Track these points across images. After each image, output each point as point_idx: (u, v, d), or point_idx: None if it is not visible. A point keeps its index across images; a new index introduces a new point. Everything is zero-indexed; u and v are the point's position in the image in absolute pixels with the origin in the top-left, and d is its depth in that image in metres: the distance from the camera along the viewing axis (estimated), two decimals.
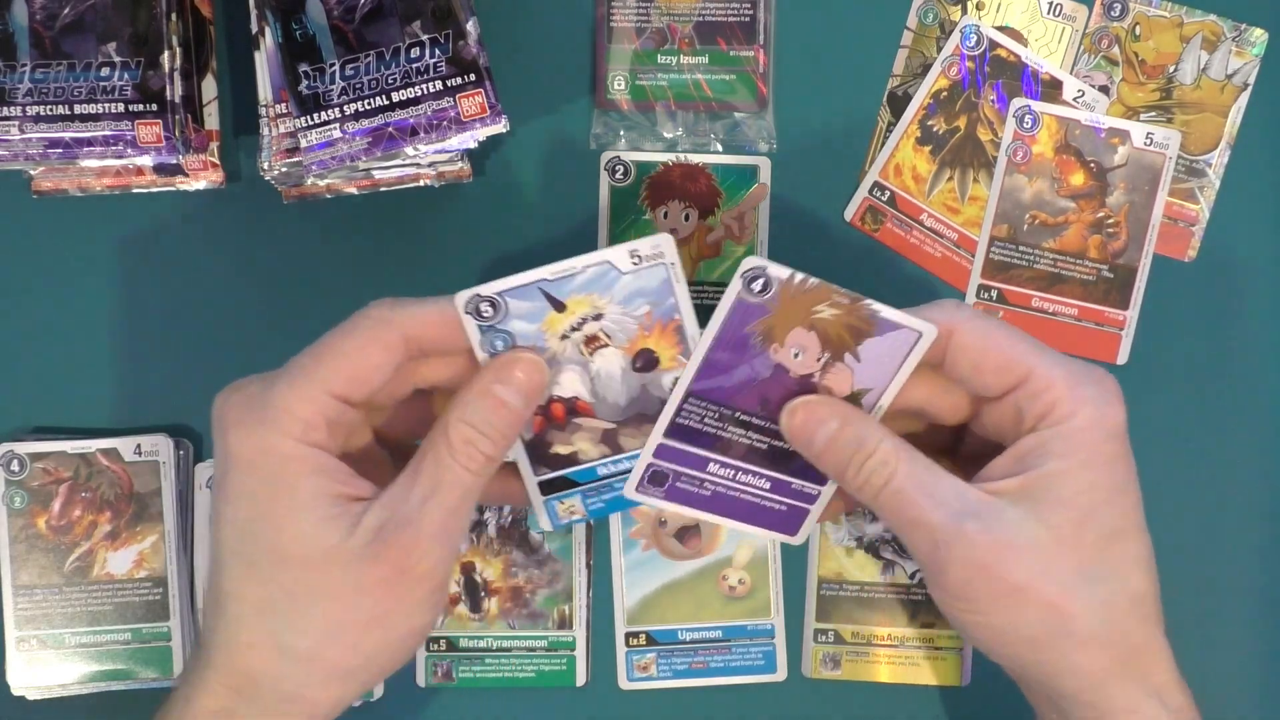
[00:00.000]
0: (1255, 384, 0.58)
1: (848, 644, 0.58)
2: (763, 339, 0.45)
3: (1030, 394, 0.44)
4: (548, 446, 0.49)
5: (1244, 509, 0.58)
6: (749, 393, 0.46)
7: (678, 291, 0.46)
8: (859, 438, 0.45)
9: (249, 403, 0.44)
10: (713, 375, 0.46)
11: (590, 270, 0.46)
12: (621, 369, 0.48)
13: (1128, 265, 0.57)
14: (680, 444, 0.48)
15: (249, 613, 0.43)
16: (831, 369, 0.46)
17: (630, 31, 0.58)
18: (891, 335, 0.45)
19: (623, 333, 0.47)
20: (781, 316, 0.45)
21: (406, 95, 0.51)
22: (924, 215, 0.58)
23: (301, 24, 0.52)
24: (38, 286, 0.58)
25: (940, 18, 0.58)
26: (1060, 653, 0.44)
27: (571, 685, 0.58)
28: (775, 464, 0.48)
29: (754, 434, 0.47)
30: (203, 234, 0.58)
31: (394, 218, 0.58)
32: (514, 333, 0.46)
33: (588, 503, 0.50)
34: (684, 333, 0.47)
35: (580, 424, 0.49)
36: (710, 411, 0.47)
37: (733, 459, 0.48)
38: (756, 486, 0.49)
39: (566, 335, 0.47)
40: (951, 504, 0.44)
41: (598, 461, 0.49)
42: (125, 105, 0.51)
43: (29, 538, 0.56)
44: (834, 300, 0.45)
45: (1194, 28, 0.58)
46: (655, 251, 0.46)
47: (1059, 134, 0.57)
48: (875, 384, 0.46)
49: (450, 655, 0.58)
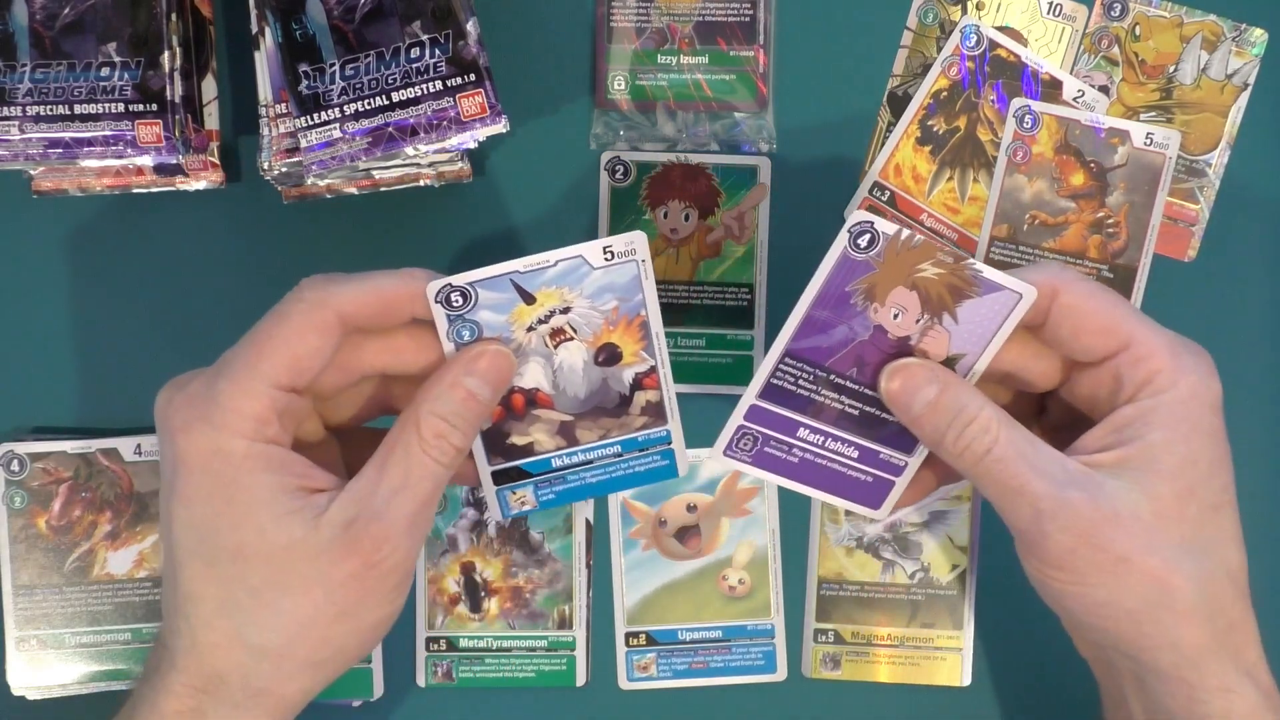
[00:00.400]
0: (1255, 384, 0.58)
1: (848, 644, 0.58)
2: (864, 297, 0.45)
3: (1132, 361, 0.44)
4: (505, 436, 0.49)
5: (1243, 509, 0.58)
6: (846, 354, 0.46)
7: (645, 288, 0.47)
8: (959, 404, 0.44)
9: (194, 403, 0.43)
10: (811, 335, 0.46)
11: (562, 264, 0.46)
12: (584, 362, 0.48)
13: (1128, 265, 0.57)
14: (772, 406, 0.47)
15: (212, 612, 0.43)
16: (930, 331, 0.45)
17: (630, 31, 0.58)
18: (991, 297, 0.45)
19: (588, 326, 0.47)
20: (885, 274, 0.45)
21: (406, 95, 0.51)
22: (924, 215, 0.58)
23: (301, 24, 0.52)
24: (38, 286, 0.58)
25: (940, 18, 0.58)
26: (1161, 626, 0.43)
27: (571, 685, 0.58)
28: (866, 431, 0.48)
29: (847, 398, 0.47)
30: (203, 234, 0.58)
31: (394, 218, 0.58)
32: (481, 323, 0.46)
33: (539, 494, 0.50)
34: (648, 329, 0.48)
35: (539, 415, 0.49)
36: (805, 373, 0.47)
37: (823, 424, 0.48)
38: (844, 455, 0.48)
39: (533, 327, 0.47)
40: (1054, 474, 0.43)
41: (552, 453, 0.49)
42: (125, 105, 0.51)
43: (29, 538, 0.56)
44: (938, 259, 0.44)
45: (1194, 28, 0.58)
46: (629, 248, 0.46)
47: (1059, 134, 0.57)
48: (971, 348, 0.46)
49: (450, 655, 0.58)
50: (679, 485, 0.58)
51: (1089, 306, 0.44)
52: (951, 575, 0.58)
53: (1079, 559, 0.43)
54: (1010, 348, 0.46)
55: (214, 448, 0.42)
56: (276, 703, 0.44)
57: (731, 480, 0.58)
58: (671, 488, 0.58)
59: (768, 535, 0.58)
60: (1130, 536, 0.42)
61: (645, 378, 0.49)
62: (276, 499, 0.43)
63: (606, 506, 0.58)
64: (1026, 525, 0.44)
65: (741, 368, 0.58)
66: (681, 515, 0.58)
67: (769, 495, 0.58)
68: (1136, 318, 0.45)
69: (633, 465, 0.50)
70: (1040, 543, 0.43)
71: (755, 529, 0.58)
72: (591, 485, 0.50)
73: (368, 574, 0.43)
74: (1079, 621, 0.46)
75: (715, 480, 0.58)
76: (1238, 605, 0.44)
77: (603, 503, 0.58)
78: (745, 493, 0.58)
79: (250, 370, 0.43)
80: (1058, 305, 0.45)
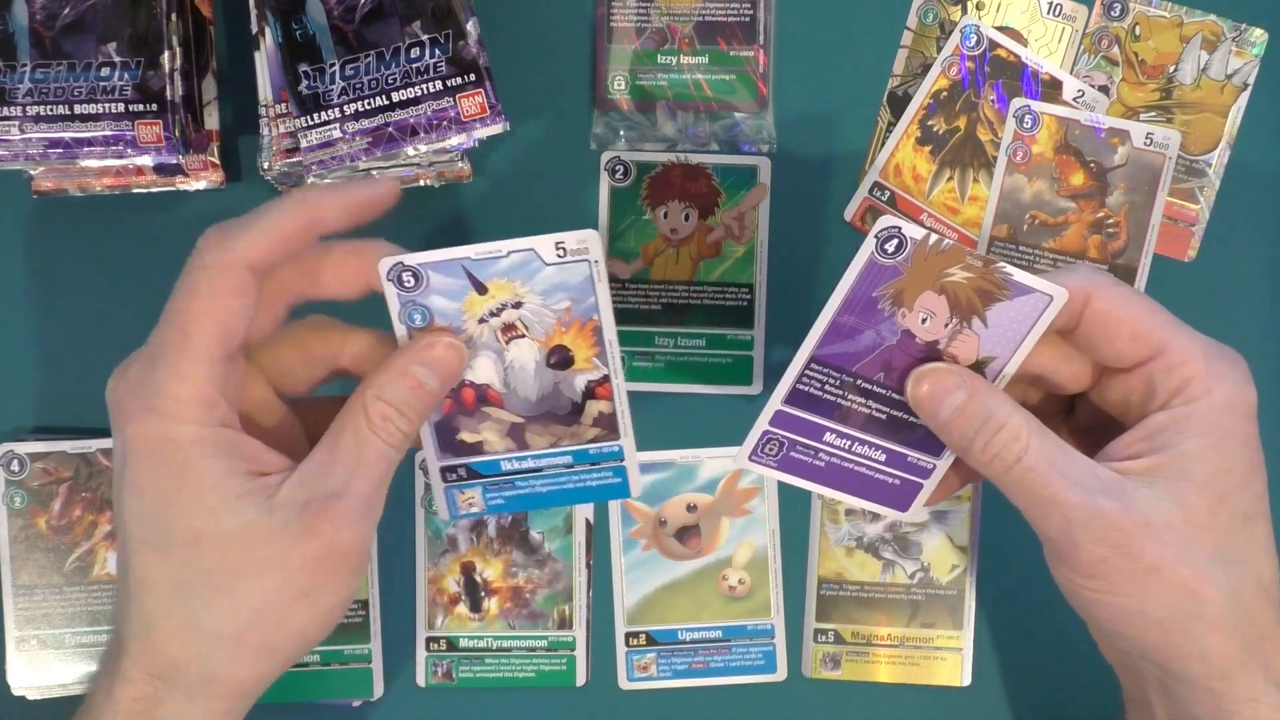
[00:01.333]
0: (1255, 384, 0.58)
1: (848, 644, 0.58)
2: (892, 302, 0.44)
3: (1165, 367, 0.43)
4: (455, 432, 0.48)
5: None
6: (873, 359, 0.46)
7: (598, 291, 0.45)
8: (987, 410, 0.44)
9: (137, 390, 0.43)
10: (838, 340, 0.45)
11: (514, 255, 0.45)
12: (536, 362, 0.47)
13: (1128, 265, 0.58)
14: (798, 411, 0.47)
15: (165, 598, 0.43)
16: (959, 336, 0.45)
17: (630, 31, 0.58)
18: (1021, 300, 0.44)
19: (540, 325, 0.46)
20: (913, 279, 0.44)
21: (406, 95, 0.51)
22: (924, 215, 0.58)
23: (301, 24, 0.52)
24: (38, 286, 0.58)
25: (940, 18, 0.58)
26: (1191, 636, 0.43)
27: (571, 685, 0.58)
28: (893, 435, 0.47)
29: (874, 403, 0.46)
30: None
31: (394, 218, 0.58)
32: (433, 309, 0.45)
33: (487, 497, 0.49)
34: (601, 335, 0.46)
35: (489, 413, 0.47)
36: (832, 378, 0.46)
37: (850, 429, 0.47)
38: (872, 459, 0.48)
39: (485, 319, 0.46)
40: (1085, 482, 0.43)
41: (502, 455, 0.48)
42: (125, 105, 0.51)
43: (29, 538, 0.56)
44: (967, 263, 0.44)
45: (1194, 28, 0.58)
46: (580, 246, 0.45)
47: (1059, 134, 0.57)
48: (1001, 351, 0.45)
49: (450, 655, 0.58)
50: (679, 485, 0.58)
51: (1123, 313, 0.44)
52: (951, 575, 0.58)
53: (1110, 568, 0.42)
54: (1041, 350, 0.45)
55: (162, 435, 0.42)
56: (233, 689, 0.44)
57: (731, 480, 0.58)
58: (671, 487, 0.58)
59: (768, 535, 0.58)
60: (1162, 546, 0.42)
61: (598, 387, 0.47)
62: (226, 483, 0.42)
63: (606, 506, 0.58)
64: (1057, 535, 0.43)
65: (741, 368, 0.58)
66: (681, 515, 0.58)
67: (769, 495, 0.58)
68: (1171, 324, 0.44)
69: (584, 479, 0.49)
70: (1072, 552, 0.43)
71: (755, 529, 0.58)
72: (541, 495, 0.49)
73: (327, 556, 0.42)
74: (1108, 630, 0.45)
75: (715, 480, 0.58)
76: (1268, 615, 0.44)
77: (602, 503, 0.58)
78: (745, 493, 0.58)
79: (181, 353, 0.42)
80: (1090, 310, 0.44)
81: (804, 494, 0.58)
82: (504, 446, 0.48)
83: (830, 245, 0.58)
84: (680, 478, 0.58)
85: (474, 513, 0.49)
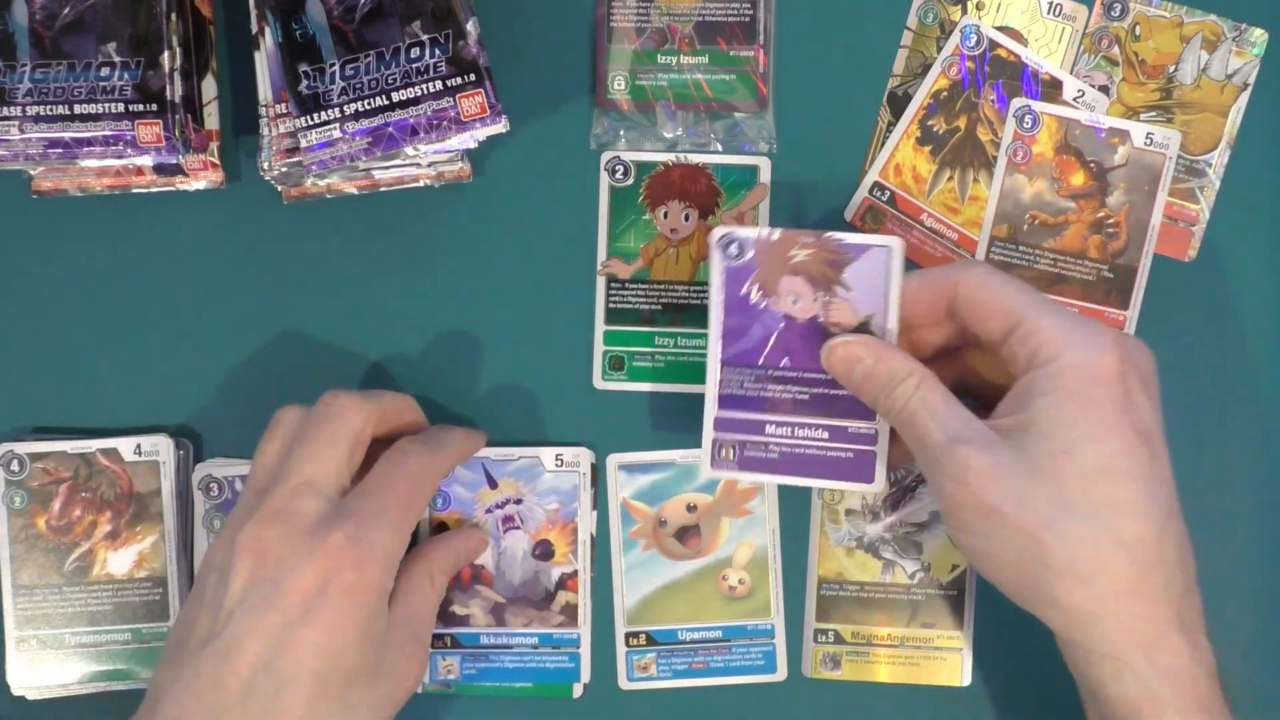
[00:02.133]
0: (1255, 383, 0.58)
1: (848, 644, 0.58)
2: (760, 294, 0.50)
3: (1020, 338, 0.47)
4: (448, 604, 0.56)
5: (1244, 508, 0.58)
6: (772, 349, 0.51)
7: (582, 499, 0.56)
8: (890, 370, 0.48)
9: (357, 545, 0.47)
10: (735, 341, 0.51)
11: (523, 460, 0.56)
12: (524, 551, 0.56)
13: (1128, 265, 0.57)
14: (733, 412, 0.51)
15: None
16: (831, 305, 0.50)
17: (630, 31, 0.58)
18: (866, 258, 0.50)
19: (532, 520, 0.56)
20: (765, 270, 0.50)
21: (406, 95, 0.51)
22: (924, 215, 0.58)
23: (301, 24, 0.52)
24: (38, 286, 0.58)
25: (940, 18, 0.58)
26: (1040, 581, 0.45)
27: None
28: (824, 410, 0.51)
29: (793, 386, 0.51)
30: (203, 234, 0.58)
31: (394, 218, 0.58)
32: (453, 496, 0.56)
33: (464, 666, 0.57)
34: (577, 536, 0.57)
35: (479, 590, 0.56)
36: (746, 375, 0.51)
37: (784, 415, 0.51)
38: (816, 438, 0.51)
39: (490, 510, 0.56)
40: (952, 428, 0.46)
41: (484, 629, 0.56)
42: (125, 105, 0.51)
43: (29, 538, 0.56)
44: (801, 242, 0.50)
45: (1194, 28, 0.58)
46: (575, 460, 0.56)
47: (1059, 134, 0.57)
48: (875, 308, 0.50)
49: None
50: (679, 485, 0.58)
51: (980, 295, 0.48)
52: (951, 575, 0.58)
53: (959, 506, 0.46)
54: (969, 357, 0.51)
55: (373, 584, 0.48)
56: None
57: (731, 480, 0.58)
58: (671, 487, 0.58)
59: (768, 535, 0.58)
60: (1002, 490, 0.45)
61: (569, 579, 0.57)
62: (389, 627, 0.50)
63: (606, 506, 0.58)
64: (928, 476, 0.47)
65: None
66: (681, 515, 0.58)
67: (769, 495, 0.58)
68: (1029, 298, 0.47)
69: (544, 660, 0.57)
70: (936, 492, 0.47)
71: (755, 529, 0.58)
72: (507, 670, 0.57)
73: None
74: (986, 575, 0.48)
75: (715, 480, 0.58)
76: (1136, 576, 0.45)
77: (603, 503, 0.58)
78: (745, 493, 0.58)
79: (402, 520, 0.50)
80: (958, 296, 0.49)
81: (804, 494, 0.58)
82: (485, 622, 0.56)
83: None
84: (680, 478, 0.58)
85: (450, 679, 0.57)
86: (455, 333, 0.58)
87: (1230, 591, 0.58)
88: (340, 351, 0.58)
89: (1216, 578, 0.58)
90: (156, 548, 0.56)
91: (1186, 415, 0.58)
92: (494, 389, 0.58)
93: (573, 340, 0.58)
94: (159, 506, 0.56)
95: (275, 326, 0.58)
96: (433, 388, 0.58)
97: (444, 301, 0.58)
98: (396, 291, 0.58)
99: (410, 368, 0.58)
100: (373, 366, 0.58)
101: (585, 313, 0.58)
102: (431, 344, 0.58)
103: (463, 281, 0.58)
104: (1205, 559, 0.58)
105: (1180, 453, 0.58)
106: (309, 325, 0.58)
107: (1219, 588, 0.58)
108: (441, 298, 0.58)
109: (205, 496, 0.57)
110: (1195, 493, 0.58)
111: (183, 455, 0.57)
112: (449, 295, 0.58)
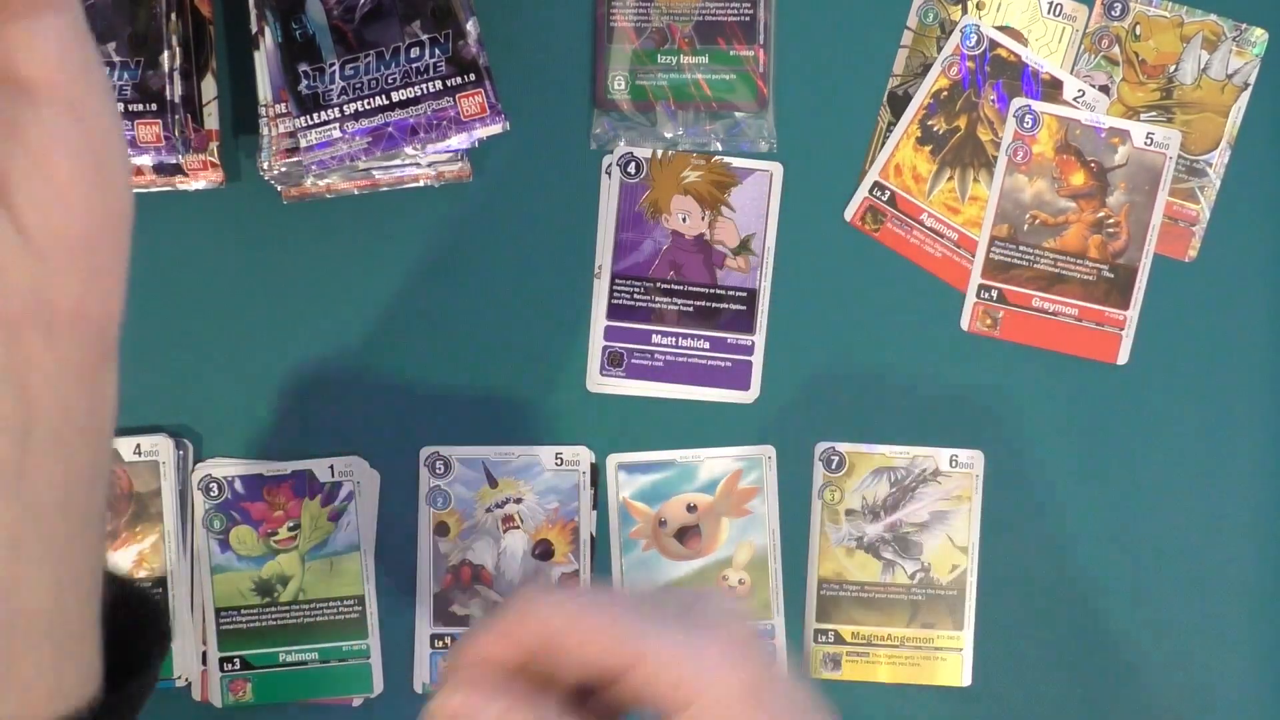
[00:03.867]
0: (1255, 384, 0.58)
1: (848, 644, 0.58)
2: (652, 211, 0.56)
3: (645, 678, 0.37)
4: (449, 603, 0.56)
5: (1243, 508, 0.58)
6: (660, 262, 0.56)
7: (582, 499, 0.56)
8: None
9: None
10: (626, 255, 0.56)
11: (522, 459, 0.56)
12: (524, 551, 0.57)
13: (1128, 265, 0.57)
14: (621, 322, 0.56)
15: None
16: (717, 224, 0.56)
17: (630, 31, 0.58)
18: (749, 182, 0.55)
19: (532, 520, 0.57)
20: (659, 189, 0.56)
21: (406, 95, 0.51)
22: (924, 215, 0.58)
23: (301, 24, 0.52)
24: None
25: (940, 18, 0.58)
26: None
27: None
28: (705, 323, 0.56)
29: (678, 300, 0.56)
30: (203, 234, 0.58)
31: (394, 218, 0.58)
32: (453, 495, 0.56)
33: None
34: (578, 535, 0.57)
35: (479, 591, 0.56)
36: (636, 286, 0.56)
37: (669, 326, 0.56)
38: (698, 349, 0.57)
39: (490, 509, 0.56)
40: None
41: None
42: (124, 105, 0.51)
43: None
44: (694, 163, 0.55)
45: (1194, 28, 0.58)
46: (575, 459, 0.56)
47: (1059, 134, 0.57)
48: (757, 227, 0.56)
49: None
50: (679, 485, 0.58)
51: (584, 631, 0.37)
52: (951, 575, 0.58)
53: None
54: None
55: None
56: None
57: (732, 480, 0.58)
58: (671, 488, 0.58)
59: (768, 535, 0.58)
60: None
61: (569, 579, 0.57)
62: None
63: (606, 506, 0.58)
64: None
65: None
66: (681, 515, 0.58)
67: (769, 495, 0.58)
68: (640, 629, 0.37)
69: None
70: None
71: (755, 529, 0.58)
72: None
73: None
74: None
75: (715, 480, 0.58)
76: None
77: (603, 503, 0.58)
78: (745, 493, 0.58)
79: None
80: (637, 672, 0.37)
81: (804, 494, 0.58)
82: None
83: (830, 245, 0.58)
84: (680, 478, 0.58)
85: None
86: (455, 332, 0.58)
87: (1230, 591, 0.58)
88: (340, 351, 0.58)
89: (1215, 578, 0.58)
90: (156, 548, 0.56)
91: (1186, 416, 0.58)
92: (494, 388, 0.58)
93: (572, 340, 0.58)
94: (159, 506, 0.56)
95: (275, 326, 0.58)
96: (433, 387, 0.58)
97: (444, 301, 0.58)
98: (396, 291, 0.58)
99: (410, 367, 0.58)
100: (372, 366, 0.58)
101: (585, 312, 0.58)
102: (431, 343, 0.58)
103: (462, 281, 0.58)
104: (1204, 560, 0.58)
105: (1179, 453, 0.58)
106: (309, 325, 0.58)
107: (1218, 588, 0.58)
108: (441, 297, 0.58)
109: (205, 496, 0.57)
110: (1194, 493, 0.58)
111: (182, 455, 0.57)
112: (449, 295, 0.58)
